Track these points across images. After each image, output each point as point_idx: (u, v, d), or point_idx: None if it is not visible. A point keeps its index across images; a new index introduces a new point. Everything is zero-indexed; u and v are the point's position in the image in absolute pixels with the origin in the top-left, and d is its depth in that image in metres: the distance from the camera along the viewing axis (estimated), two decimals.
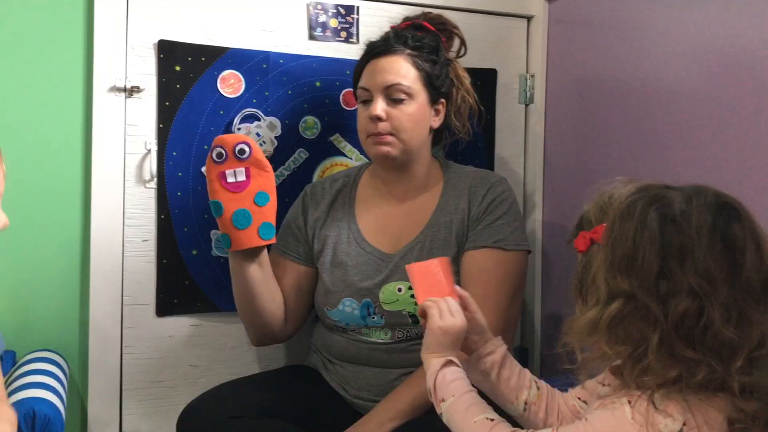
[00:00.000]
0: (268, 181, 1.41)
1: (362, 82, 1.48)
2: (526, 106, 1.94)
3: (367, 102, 1.47)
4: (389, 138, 1.44)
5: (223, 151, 1.38)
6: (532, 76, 1.92)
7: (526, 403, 1.08)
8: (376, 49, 1.47)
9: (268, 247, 1.46)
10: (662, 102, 1.49)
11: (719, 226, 0.82)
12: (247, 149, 1.38)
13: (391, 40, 1.48)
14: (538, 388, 1.10)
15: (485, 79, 1.86)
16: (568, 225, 1.77)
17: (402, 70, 1.45)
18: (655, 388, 0.82)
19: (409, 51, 1.47)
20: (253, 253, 1.40)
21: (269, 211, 1.41)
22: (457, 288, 1.12)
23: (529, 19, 1.93)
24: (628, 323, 0.83)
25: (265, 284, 1.44)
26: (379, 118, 1.43)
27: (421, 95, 1.46)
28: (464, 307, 1.09)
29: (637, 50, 1.57)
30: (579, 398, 1.08)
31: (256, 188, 1.39)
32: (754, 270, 0.81)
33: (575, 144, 1.79)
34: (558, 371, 1.76)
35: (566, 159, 1.83)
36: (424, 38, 1.50)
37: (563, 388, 1.13)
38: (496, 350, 1.11)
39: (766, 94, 1.24)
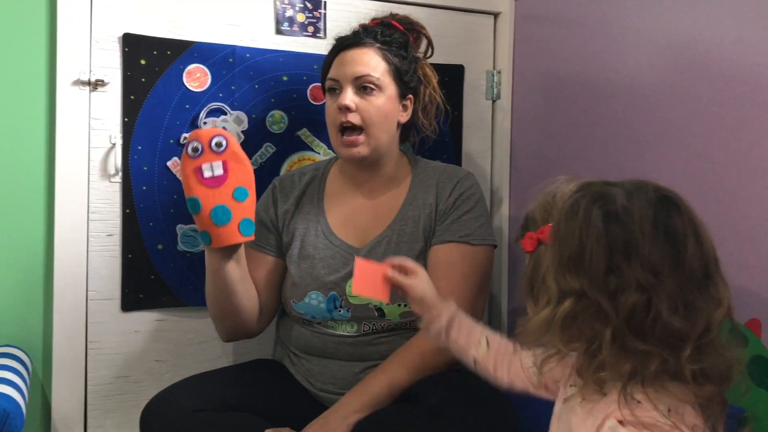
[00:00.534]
0: (246, 175, 1.38)
1: (331, 73, 1.48)
2: (493, 102, 1.96)
3: (335, 92, 1.47)
4: (359, 138, 1.44)
5: (199, 145, 1.33)
6: (499, 72, 1.93)
7: (474, 360, 1.14)
8: (346, 41, 1.48)
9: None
10: (626, 97, 1.52)
11: (660, 219, 0.83)
12: (224, 142, 1.34)
13: (361, 34, 1.48)
14: (488, 345, 1.13)
15: (452, 75, 1.87)
16: None
17: (372, 62, 1.46)
18: (619, 387, 0.83)
19: (378, 45, 1.47)
20: (231, 251, 1.38)
21: (249, 207, 1.37)
22: (391, 260, 1.20)
23: (495, 15, 1.94)
24: (581, 320, 0.84)
25: (243, 282, 1.43)
26: (348, 108, 1.43)
27: (390, 88, 1.47)
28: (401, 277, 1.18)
29: (601, 46, 1.60)
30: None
31: (234, 183, 1.35)
32: (695, 259, 0.83)
33: (541, 139, 1.81)
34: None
35: (532, 154, 1.85)
36: (393, 34, 1.51)
37: None
38: (441, 315, 1.16)
39: (728, 90, 1.26)
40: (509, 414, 1.28)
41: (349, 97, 1.44)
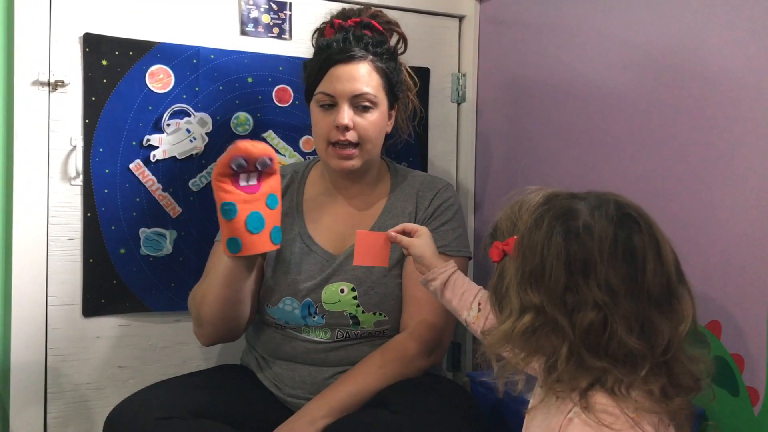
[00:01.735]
0: (276, 181, 1.35)
1: (325, 88, 1.43)
2: (458, 104, 1.97)
3: (327, 107, 1.43)
4: (354, 151, 1.43)
5: (244, 162, 1.28)
6: (464, 75, 1.94)
7: (466, 321, 1.18)
8: (340, 54, 1.42)
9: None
10: (590, 100, 1.54)
11: (620, 239, 0.84)
12: (269, 163, 1.30)
13: (353, 44, 1.43)
14: (479, 308, 1.16)
15: (418, 78, 1.87)
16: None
17: (368, 78, 1.42)
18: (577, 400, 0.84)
19: (371, 57, 1.44)
20: (255, 258, 1.35)
21: (278, 214, 1.35)
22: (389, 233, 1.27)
23: (460, 18, 1.95)
24: (540, 335, 0.86)
25: (250, 290, 1.41)
26: (347, 128, 1.41)
27: (383, 103, 1.46)
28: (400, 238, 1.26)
29: (565, 49, 1.62)
30: None
31: (267, 190, 1.32)
32: (655, 278, 0.84)
33: (506, 142, 1.83)
34: (488, 365, 1.80)
35: (497, 157, 1.86)
36: (383, 42, 1.48)
37: (492, 382, 1.16)
38: (438, 277, 1.21)
39: (691, 92, 1.29)
40: (478, 419, 1.29)
41: (348, 115, 1.40)
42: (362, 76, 1.42)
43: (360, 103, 1.42)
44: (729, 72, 1.21)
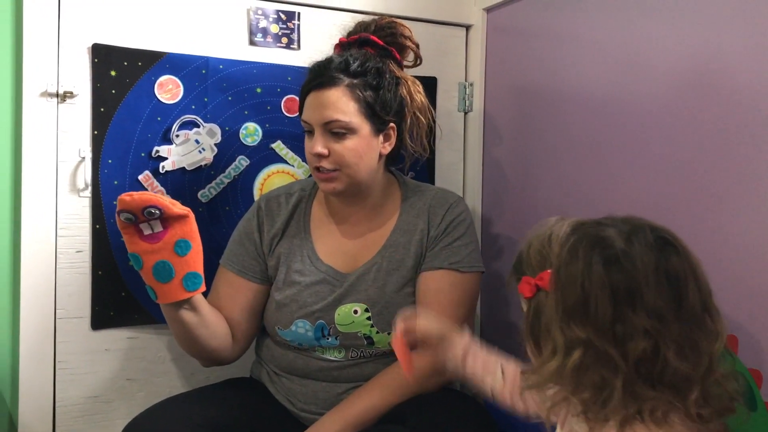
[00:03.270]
0: (188, 226, 1.30)
1: (304, 114, 1.42)
2: (465, 114, 1.96)
3: (309, 133, 1.42)
4: (334, 174, 1.40)
5: (132, 216, 1.25)
6: (471, 84, 1.94)
7: (491, 390, 1.13)
8: (317, 80, 1.40)
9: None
10: (596, 110, 1.54)
11: (662, 263, 0.83)
12: (156, 212, 1.25)
13: (332, 68, 1.39)
14: (503, 374, 1.11)
15: (425, 87, 1.85)
16: (507, 232, 1.83)
17: (340, 104, 1.37)
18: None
19: (348, 81, 1.39)
20: (182, 302, 1.34)
21: (193, 259, 1.31)
22: (398, 327, 1.17)
23: (467, 28, 1.95)
24: (591, 370, 0.83)
25: (203, 326, 1.38)
26: (320, 155, 1.39)
27: (364, 128, 1.40)
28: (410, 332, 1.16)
29: (573, 59, 1.62)
30: None
31: (174, 237, 1.28)
32: (695, 298, 0.83)
33: (514, 151, 1.83)
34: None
35: (505, 166, 1.86)
36: (368, 61, 1.42)
37: None
38: (456, 349, 1.15)
39: (700, 102, 1.29)
40: None
41: (321, 143, 1.38)
42: (333, 102, 1.37)
43: (333, 130, 1.38)
44: (746, 83, 1.22)
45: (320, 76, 1.40)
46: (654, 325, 0.81)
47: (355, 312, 1.42)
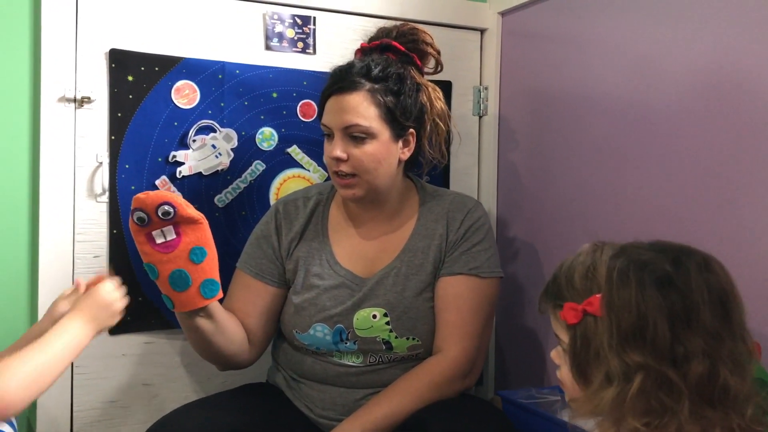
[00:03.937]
0: (201, 233, 1.30)
1: (324, 118, 1.42)
2: (480, 117, 1.96)
3: (328, 137, 1.42)
4: (353, 180, 1.40)
5: (145, 215, 1.25)
6: (486, 88, 1.94)
7: None
8: (338, 84, 1.40)
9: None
10: (612, 114, 1.54)
11: (712, 283, 0.83)
12: (171, 210, 1.25)
13: (353, 73, 1.39)
14: None
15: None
16: (522, 236, 1.82)
17: (360, 108, 1.37)
18: None
19: (370, 85, 1.38)
20: (198, 310, 1.34)
21: (209, 266, 1.30)
22: None
23: (482, 31, 1.95)
24: (652, 395, 0.82)
25: (219, 333, 1.39)
26: (339, 159, 1.39)
27: (384, 133, 1.40)
28: None
29: (588, 62, 1.62)
30: None
31: (189, 245, 1.28)
32: (739, 316, 0.85)
33: (528, 155, 1.82)
34: (513, 384, 1.79)
35: (519, 170, 1.86)
36: (389, 67, 1.42)
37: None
38: None
39: (716, 106, 1.29)
40: None
41: (340, 147, 1.38)
42: (353, 107, 1.38)
43: (353, 134, 1.39)
44: (760, 86, 1.21)
45: (341, 80, 1.40)
46: (711, 344, 0.80)
47: (374, 317, 1.42)
